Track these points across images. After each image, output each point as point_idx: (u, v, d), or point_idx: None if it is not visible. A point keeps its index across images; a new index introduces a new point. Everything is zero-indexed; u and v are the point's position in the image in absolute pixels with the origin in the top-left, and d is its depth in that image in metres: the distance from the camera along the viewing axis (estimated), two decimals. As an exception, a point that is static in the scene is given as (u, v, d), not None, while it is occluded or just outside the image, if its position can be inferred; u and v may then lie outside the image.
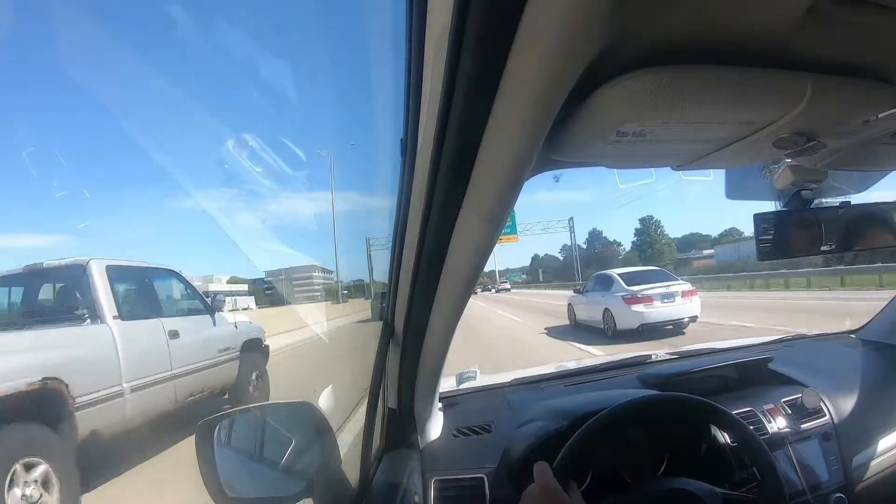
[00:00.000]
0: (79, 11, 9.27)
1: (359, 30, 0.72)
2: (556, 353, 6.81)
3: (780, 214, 0.83)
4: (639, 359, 1.45)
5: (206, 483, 0.76)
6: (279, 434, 0.88)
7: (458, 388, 1.35)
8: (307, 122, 10.57)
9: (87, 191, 44.15)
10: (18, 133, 27.94)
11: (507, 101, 0.44)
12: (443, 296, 0.73)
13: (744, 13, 0.41)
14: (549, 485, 0.70)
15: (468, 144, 0.50)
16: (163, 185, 38.88)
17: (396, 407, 1.00)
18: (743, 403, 1.11)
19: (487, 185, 0.54)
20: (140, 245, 46.86)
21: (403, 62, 0.51)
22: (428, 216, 0.62)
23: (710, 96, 0.48)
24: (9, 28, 9.85)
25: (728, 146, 0.60)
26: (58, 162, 27.00)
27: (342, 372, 3.72)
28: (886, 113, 0.55)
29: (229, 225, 9.50)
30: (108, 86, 11.09)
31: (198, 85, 23.37)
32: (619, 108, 0.48)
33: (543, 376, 1.40)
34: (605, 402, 0.93)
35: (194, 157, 14.54)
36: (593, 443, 0.82)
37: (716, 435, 0.95)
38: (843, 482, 1.06)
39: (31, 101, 36.59)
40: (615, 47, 0.42)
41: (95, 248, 43.99)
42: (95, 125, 45.37)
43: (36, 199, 39.80)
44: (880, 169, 0.89)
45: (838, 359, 1.40)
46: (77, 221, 40.78)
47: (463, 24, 0.39)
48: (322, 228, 9.42)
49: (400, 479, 0.92)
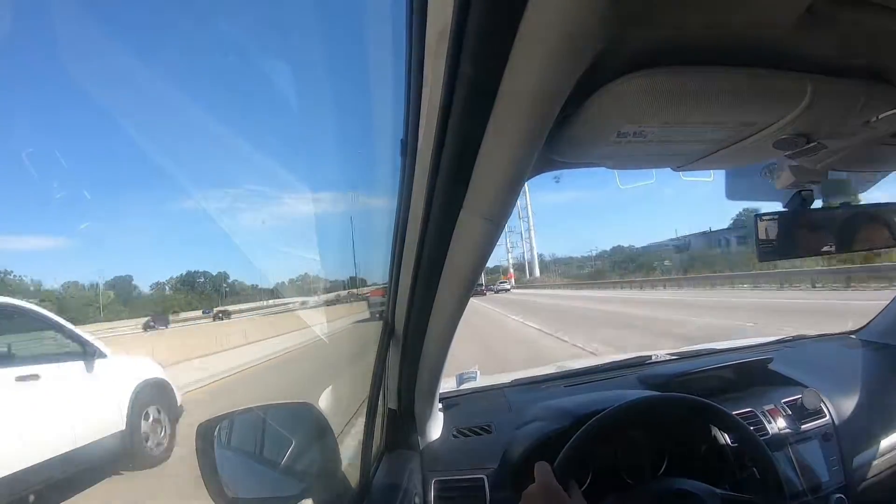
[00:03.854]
0: (79, 11, 9.27)
1: (359, 30, 0.72)
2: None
3: (781, 215, 0.83)
4: (639, 359, 1.45)
5: (207, 484, 0.76)
6: (279, 435, 0.88)
7: (459, 389, 1.35)
8: (307, 123, 10.59)
9: (87, 192, 44.02)
10: (18, 133, 27.93)
11: (508, 101, 0.44)
12: (443, 296, 0.73)
13: (744, 14, 0.41)
14: (549, 484, 0.70)
15: (468, 145, 0.50)
16: (163, 186, 38.84)
17: (397, 407, 1.00)
18: (743, 404, 1.11)
19: (488, 186, 0.54)
20: (140, 245, 46.74)
21: (404, 63, 0.51)
22: (428, 216, 0.62)
23: (710, 97, 0.48)
24: (9, 28, 9.87)
25: (728, 147, 0.60)
26: (58, 162, 26.98)
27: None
28: (886, 114, 0.55)
29: (230, 226, 9.47)
30: (109, 86, 11.09)
31: (198, 85, 23.36)
32: (619, 109, 0.48)
33: (543, 377, 1.40)
34: (606, 403, 0.93)
35: (195, 157, 14.54)
36: (594, 443, 0.82)
37: (716, 435, 0.95)
38: (844, 483, 1.06)
39: (31, 101, 36.58)
40: (615, 48, 0.42)
41: (95, 248, 43.61)
42: (95, 125, 45.35)
43: (36, 200, 39.74)
44: (880, 169, 0.89)
45: (838, 359, 1.40)
46: (77, 222, 40.76)
47: (463, 25, 0.39)
48: (322, 229, 9.43)
49: (400, 480, 0.92)
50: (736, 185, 0.96)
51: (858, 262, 12.79)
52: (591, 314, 12.90)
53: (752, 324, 7.66)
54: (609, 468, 0.91)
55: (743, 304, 11.84)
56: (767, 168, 0.84)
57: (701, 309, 10.98)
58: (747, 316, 8.91)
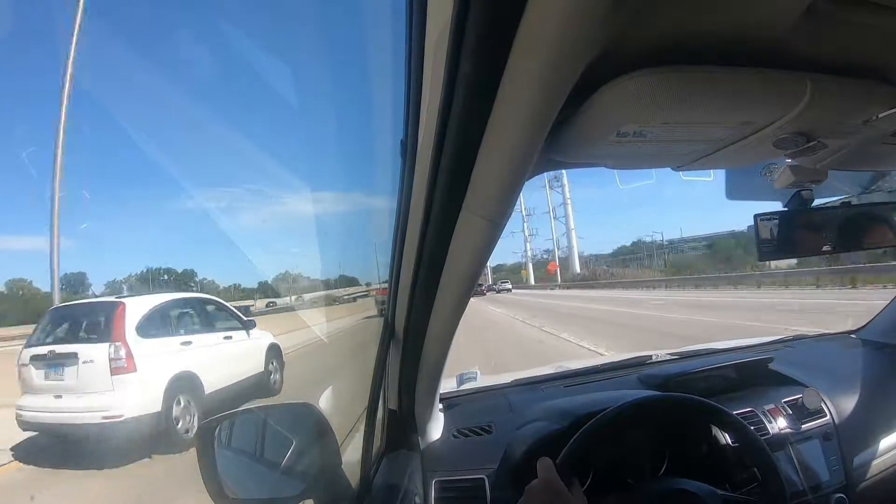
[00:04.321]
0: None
1: (359, 30, 0.73)
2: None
3: (781, 215, 0.83)
4: (639, 359, 1.45)
5: (207, 484, 0.76)
6: (280, 435, 0.88)
7: (459, 389, 1.35)
8: (307, 123, 10.61)
9: (87, 191, 43.80)
10: (18, 133, 27.91)
11: (508, 101, 0.44)
12: (443, 296, 0.73)
13: (743, 13, 0.41)
14: (552, 480, 0.70)
15: (468, 145, 0.50)
16: (163, 186, 38.64)
17: (397, 408, 1.00)
18: (743, 404, 1.10)
19: (488, 186, 0.54)
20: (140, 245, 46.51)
21: (403, 63, 0.51)
22: (428, 217, 0.62)
23: (710, 97, 0.48)
24: (9, 28, 9.85)
25: (728, 146, 0.60)
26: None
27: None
28: (886, 113, 0.55)
29: (229, 226, 9.48)
30: (109, 85, 11.11)
31: (198, 85, 23.32)
32: (619, 109, 0.48)
33: (544, 377, 1.40)
34: (606, 403, 0.93)
35: (195, 158, 14.56)
36: (594, 443, 0.82)
37: (716, 435, 0.95)
38: (844, 482, 1.06)
39: (31, 101, 36.52)
40: (615, 48, 0.42)
41: (95, 249, 43.66)
42: (96, 125, 45.21)
43: (35, 200, 39.60)
44: (880, 169, 0.89)
45: (839, 359, 1.40)
46: (77, 223, 40.69)
47: (463, 25, 0.39)
48: (322, 229, 9.45)
49: (400, 480, 0.92)
50: (736, 184, 0.96)
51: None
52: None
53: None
54: (610, 468, 0.91)
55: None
56: (767, 167, 0.84)
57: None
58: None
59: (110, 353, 4.02)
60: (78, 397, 3.99)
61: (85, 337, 4.28)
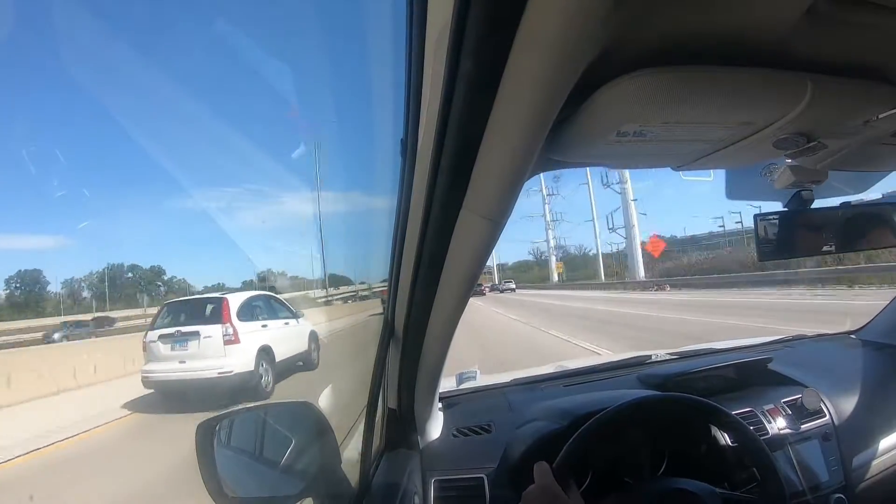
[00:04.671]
0: (79, 11, 9.28)
1: (359, 30, 0.73)
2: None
3: (781, 215, 0.83)
4: (638, 359, 1.45)
5: (207, 483, 0.76)
6: (279, 434, 0.88)
7: (458, 388, 1.35)
8: (307, 123, 10.60)
9: (87, 190, 43.64)
10: (18, 132, 27.89)
11: (508, 101, 0.44)
12: (443, 296, 0.73)
13: (744, 13, 0.41)
14: (548, 485, 0.70)
15: (468, 144, 0.50)
16: (163, 185, 38.48)
17: (396, 407, 1.00)
18: (743, 404, 1.11)
19: (488, 185, 0.54)
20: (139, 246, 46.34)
21: (403, 62, 0.51)
22: (428, 216, 0.62)
23: (710, 96, 0.48)
24: (9, 28, 9.86)
25: (728, 146, 0.60)
26: (57, 161, 26.95)
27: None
28: (887, 113, 0.55)
29: (228, 225, 9.51)
30: (109, 85, 11.10)
31: (197, 85, 23.32)
32: (619, 109, 0.48)
33: (543, 376, 1.40)
34: (605, 403, 0.93)
35: (195, 157, 14.55)
36: (593, 443, 0.82)
37: (716, 435, 0.95)
38: (844, 482, 1.06)
39: (31, 101, 36.49)
40: (615, 48, 0.42)
41: (95, 249, 43.38)
42: (95, 124, 45.13)
43: (35, 199, 39.41)
44: (880, 169, 0.89)
45: (838, 359, 1.40)
46: (76, 221, 40.57)
47: (463, 25, 0.39)
48: (323, 229, 9.49)
49: (400, 480, 0.92)
50: (736, 184, 0.96)
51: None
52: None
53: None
54: (609, 468, 0.91)
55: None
56: (767, 168, 0.84)
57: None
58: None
59: (223, 330, 5.93)
60: (200, 361, 5.82)
61: (203, 320, 6.11)
